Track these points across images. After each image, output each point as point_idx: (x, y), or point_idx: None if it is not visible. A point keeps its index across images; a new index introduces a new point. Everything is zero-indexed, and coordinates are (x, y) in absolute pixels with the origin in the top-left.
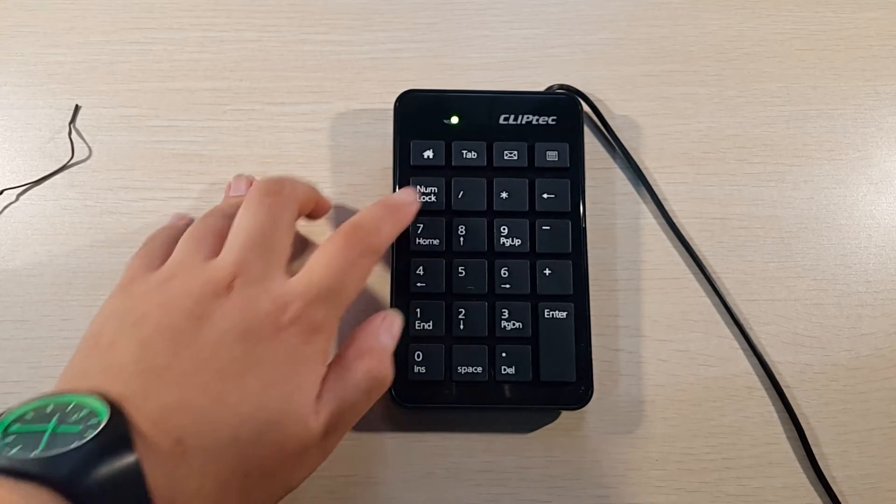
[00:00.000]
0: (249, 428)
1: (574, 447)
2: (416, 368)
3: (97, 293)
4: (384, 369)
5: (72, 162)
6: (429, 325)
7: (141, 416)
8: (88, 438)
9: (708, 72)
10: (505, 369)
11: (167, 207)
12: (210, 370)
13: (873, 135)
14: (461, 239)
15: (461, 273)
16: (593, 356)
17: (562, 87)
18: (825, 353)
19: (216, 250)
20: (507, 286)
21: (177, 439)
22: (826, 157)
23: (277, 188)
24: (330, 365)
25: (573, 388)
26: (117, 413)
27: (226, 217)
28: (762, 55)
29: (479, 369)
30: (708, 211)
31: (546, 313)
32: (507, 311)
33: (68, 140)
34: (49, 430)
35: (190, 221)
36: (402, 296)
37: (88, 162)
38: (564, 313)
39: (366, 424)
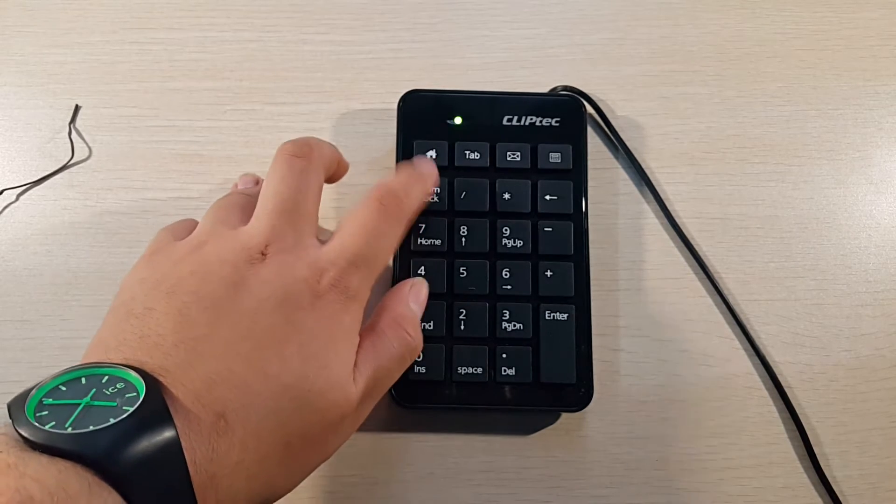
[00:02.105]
0: (291, 398)
1: (574, 447)
2: (417, 368)
3: (97, 293)
4: (417, 336)
5: (72, 162)
6: (429, 326)
7: (182, 389)
8: (126, 414)
9: (708, 72)
10: (505, 370)
11: (167, 207)
12: (251, 339)
13: (873, 135)
14: (463, 239)
15: (462, 273)
16: (593, 356)
17: (566, 88)
18: (825, 353)
19: (244, 221)
20: (509, 287)
21: (219, 413)
22: (826, 157)
23: (306, 150)
24: (363, 332)
25: (573, 390)
26: (155, 387)
27: (245, 196)
28: (762, 55)
29: (480, 370)
30: (708, 211)
31: (547, 315)
32: (507, 312)
33: (68, 140)
34: (84, 404)
35: None
36: None
37: (88, 162)
38: (565, 315)
39: (366, 424)
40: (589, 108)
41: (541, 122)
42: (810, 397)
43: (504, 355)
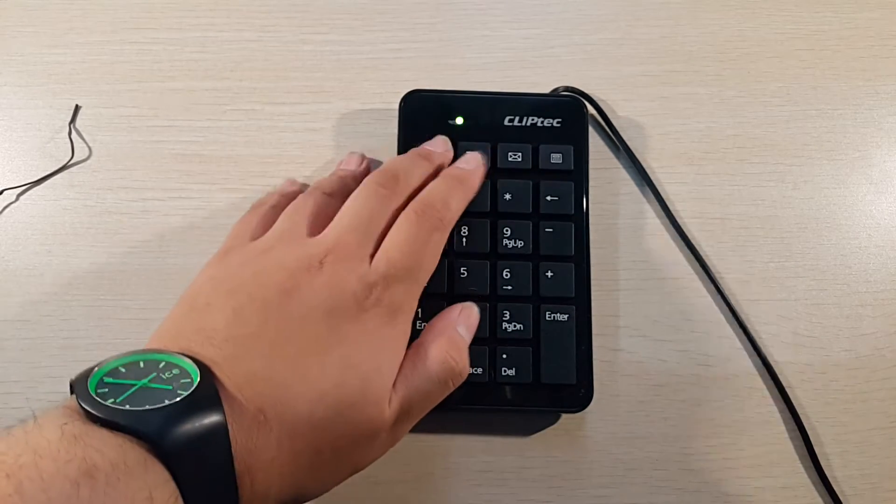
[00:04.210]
0: (326, 406)
1: (574, 447)
2: None
3: (97, 293)
4: (461, 361)
5: (72, 162)
6: None
7: (228, 381)
8: (181, 397)
9: (708, 72)
10: (505, 370)
11: (167, 207)
12: (295, 343)
13: (873, 135)
14: (464, 240)
15: (463, 274)
16: (594, 356)
17: (567, 88)
18: (825, 353)
19: (314, 229)
20: (509, 288)
21: (259, 408)
22: (826, 157)
23: (392, 182)
24: (407, 352)
25: (573, 391)
26: (208, 375)
27: (326, 196)
28: (762, 55)
29: (480, 370)
30: (708, 211)
31: (547, 315)
32: (508, 312)
33: (68, 140)
34: (140, 385)
35: (301, 189)
36: None
37: (88, 162)
38: (566, 316)
39: None
40: (590, 108)
41: (542, 122)
42: (810, 397)
43: (504, 356)
